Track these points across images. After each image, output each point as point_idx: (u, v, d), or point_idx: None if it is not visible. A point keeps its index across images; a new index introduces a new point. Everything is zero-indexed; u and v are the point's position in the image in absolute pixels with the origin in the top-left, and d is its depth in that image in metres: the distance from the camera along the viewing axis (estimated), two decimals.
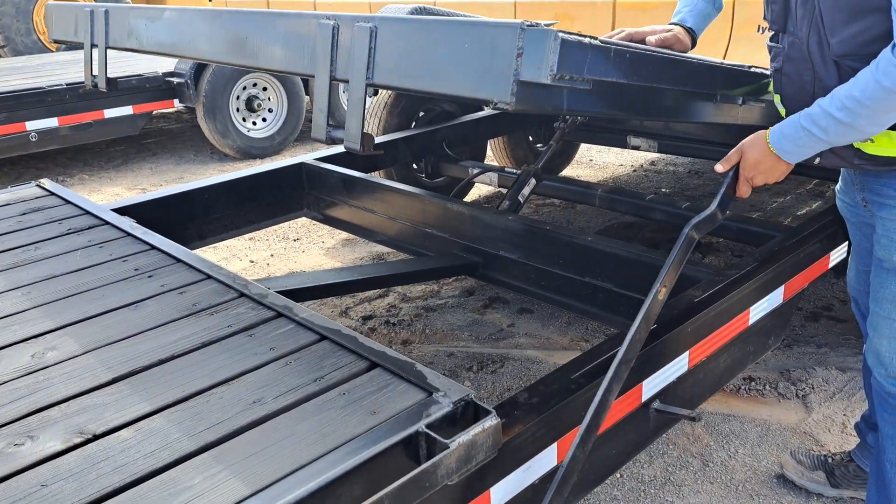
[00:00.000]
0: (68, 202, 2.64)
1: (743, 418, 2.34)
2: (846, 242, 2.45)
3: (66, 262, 2.10)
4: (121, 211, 2.52)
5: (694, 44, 1.71)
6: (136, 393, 1.42)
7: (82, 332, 1.68)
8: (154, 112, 6.36)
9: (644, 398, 1.78)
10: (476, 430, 1.27)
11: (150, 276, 1.97)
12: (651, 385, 1.79)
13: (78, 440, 1.29)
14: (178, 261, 2.05)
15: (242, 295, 1.82)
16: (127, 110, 5.71)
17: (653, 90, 1.46)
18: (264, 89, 6.26)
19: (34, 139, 5.30)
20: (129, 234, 2.28)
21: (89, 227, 2.37)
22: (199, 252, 2.27)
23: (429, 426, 1.28)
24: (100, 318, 1.75)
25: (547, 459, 1.57)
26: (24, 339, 1.66)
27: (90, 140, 5.88)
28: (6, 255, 2.17)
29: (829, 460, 2.03)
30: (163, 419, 1.34)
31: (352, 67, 1.39)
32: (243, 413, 1.34)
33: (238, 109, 6.14)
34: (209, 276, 1.94)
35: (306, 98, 6.60)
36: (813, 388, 2.46)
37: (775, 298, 2.15)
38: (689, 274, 2.04)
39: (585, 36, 1.20)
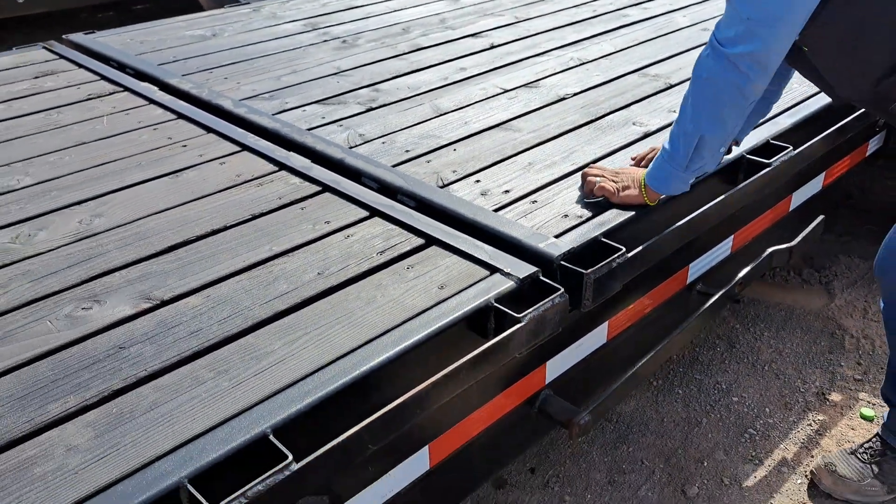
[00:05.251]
0: (82, 66, 2.51)
1: (768, 303, 2.39)
2: (884, 131, 2.42)
3: (93, 129, 2.02)
4: (140, 76, 2.41)
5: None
6: (196, 261, 1.40)
7: (126, 199, 1.64)
8: None
9: (689, 280, 1.80)
10: (546, 305, 1.28)
11: (184, 146, 1.90)
12: (697, 267, 1.80)
13: (146, 305, 1.28)
14: (211, 130, 1.99)
15: (284, 167, 1.78)
16: None
17: None
18: None
19: (21, 1, 5.01)
20: (153, 102, 2.19)
21: (110, 94, 2.27)
22: None
23: (498, 301, 1.29)
24: (141, 186, 1.70)
25: (598, 337, 1.60)
26: (67, 206, 1.62)
27: (75, 4, 5.58)
28: (29, 119, 2.08)
29: (871, 456, 1.81)
30: (229, 287, 1.33)
31: None
32: (310, 284, 1.33)
33: None
34: (247, 147, 1.88)
35: None
36: (836, 274, 2.50)
37: (815, 185, 2.14)
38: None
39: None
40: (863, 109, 2.06)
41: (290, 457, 0.97)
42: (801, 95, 2.12)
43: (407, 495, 1.31)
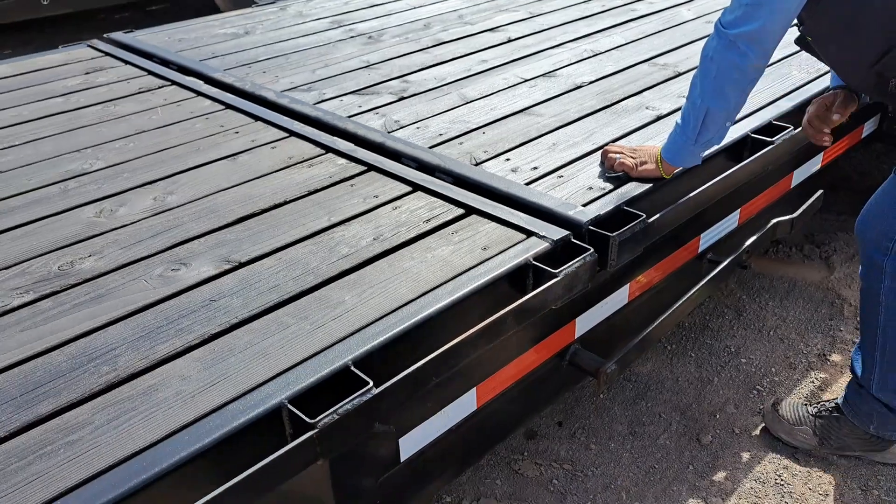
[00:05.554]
0: (128, 63, 2.69)
1: (771, 276, 2.57)
2: (878, 114, 2.59)
3: (150, 118, 2.20)
4: (184, 71, 2.58)
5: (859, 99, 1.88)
6: (264, 230, 1.58)
7: (192, 179, 1.82)
8: None
9: (700, 249, 1.97)
10: (578, 263, 1.45)
11: (237, 133, 2.08)
12: (707, 238, 1.97)
13: (227, 267, 1.45)
14: (259, 118, 2.16)
15: (330, 150, 1.95)
16: None
17: None
18: None
19: (46, 3, 5.18)
20: (201, 94, 2.36)
21: (159, 87, 2.45)
22: None
23: (536, 259, 1.46)
24: (204, 167, 1.88)
25: (620, 297, 1.78)
26: (140, 185, 1.79)
27: (98, 5, 5.76)
28: (89, 111, 2.26)
29: (818, 411, 1.96)
30: (297, 251, 1.50)
31: None
32: (368, 247, 1.51)
33: None
34: (294, 133, 2.05)
35: None
36: (835, 250, 2.67)
37: (814, 163, 2.31)
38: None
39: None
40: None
41: (371, 383, 1.14)
42: (800, 81, 2.29)
43: (457, 432, 1.49)
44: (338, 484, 1.29)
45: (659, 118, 2.09)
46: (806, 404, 1.98)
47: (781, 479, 1.84)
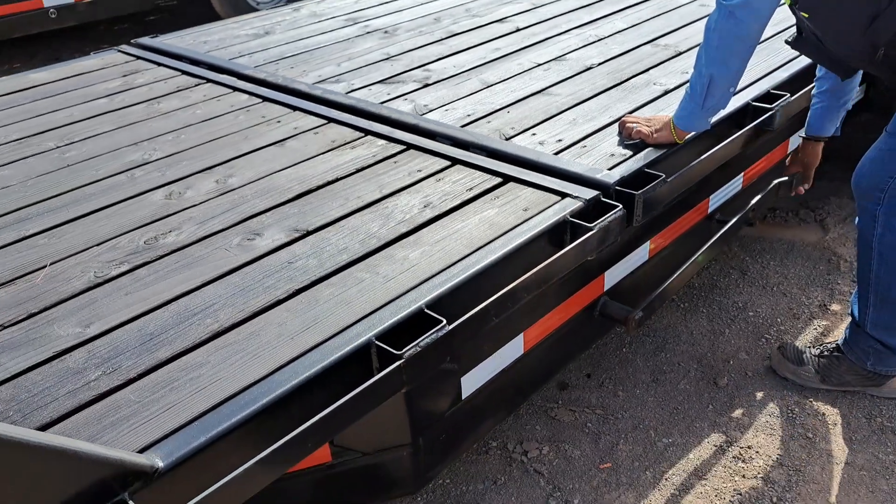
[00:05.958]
0: (161, 64, 2.85)
1: (771, 239, 2.76)
2: (864, 84, 2.78)
3: (194, 113, 2.36)
4: (215, 70, 2.75)
5: (823, 139, 2.25)
6: (323, 204, 1.75)
7: (247, 164, 1.98)
8: None
9: (710, 210, 2.16)
10: (610, 218, 1.63)
11: (279, 122, 2.25)
12: (716, 199, 2.16)
13: (297, 235, 1.62)
14: (297, 108, 2.33)
15: (369, 133, 2.12)
16: None
17: None
18: None
19: (53, 16, 5.31)
20: (237, 89, 2.53)
21: (196, 85, 2.61)
22: None
23: (572, 216, 1.64)
24: (256, 153, 2.05)
25: (642, 254, 1.96)
26: (201, 171, 1.96)
27: (103, 16, 5.89)
28: (136, 109, 2.42)
29: (820, 352, 2.14)
30: (357, 220, 1.68)
31: None
32: (420, 214, 1.68)
33: None
34: (332, 120, 2.22)
35: None
36: (829, 213, 2.87)
37: None
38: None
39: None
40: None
41: (444, 321, 1.32)
42: (793, 54, 2.47)
43: (506, 374, 1.67)
44: (413, 416, 1.47)
45: (666, 92, 2.27)
46: (809, 346, 2.17)
47: (793, 413, 2.03)
